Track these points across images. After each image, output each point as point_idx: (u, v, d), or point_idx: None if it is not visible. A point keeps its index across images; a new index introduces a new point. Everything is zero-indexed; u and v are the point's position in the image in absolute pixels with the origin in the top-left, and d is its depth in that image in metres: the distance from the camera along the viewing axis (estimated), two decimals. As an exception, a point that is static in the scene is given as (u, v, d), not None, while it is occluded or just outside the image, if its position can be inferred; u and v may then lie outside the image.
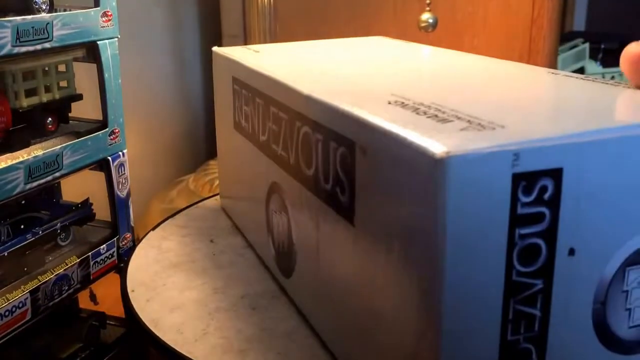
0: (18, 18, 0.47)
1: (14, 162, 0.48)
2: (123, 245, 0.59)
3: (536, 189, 0.23)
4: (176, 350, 0.37)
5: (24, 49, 0.48)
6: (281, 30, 0.87)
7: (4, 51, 0.46)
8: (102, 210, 0.59)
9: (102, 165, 0.57)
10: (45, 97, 0.53)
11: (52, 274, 0.52)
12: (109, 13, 0.54)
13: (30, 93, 0.51)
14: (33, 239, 0.52)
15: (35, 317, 0.50)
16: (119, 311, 0.61)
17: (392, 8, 0.91)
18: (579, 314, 0.25)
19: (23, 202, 0.52)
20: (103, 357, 0.58)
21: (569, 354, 0.25)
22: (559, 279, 0.24)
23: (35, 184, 0.49)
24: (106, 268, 0.58)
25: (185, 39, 1.01)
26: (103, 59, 0.55)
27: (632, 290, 0.26)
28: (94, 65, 0.55)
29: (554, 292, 0.24)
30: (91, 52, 0.55)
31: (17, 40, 0.47)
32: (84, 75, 0.57)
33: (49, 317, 0.53)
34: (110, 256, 0.58)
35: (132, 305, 0.42)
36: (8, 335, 0.48)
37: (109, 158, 0.57)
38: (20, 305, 0.49)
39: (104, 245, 0.57)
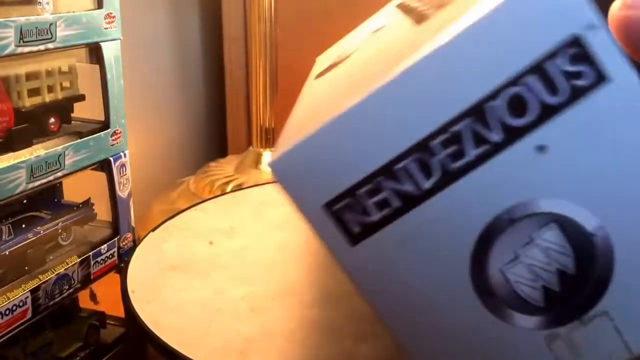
0: (22, 18, 0.47)
1: (16, 161, 0.48)
2: (124, 245, 0.59)
3: (575, 67, 0.21)
4: (177, 351, 0.37)
5: (27, 49, 0.48)
6: (282, 32, 0.87)
7: (7, 51, 0.46)
8: (103, 211, 0.59)
9: (104, 166, 0.57)
10: (48, 98, 0.53)
11: (53, 273, 0.52)
12: (112, 15, 0.55)
13: (33, 93, 0.52)
14: (34, 238, 0.52)
15: (35, 316, 0.50)
16: (119, 311, 0.61)
17: (393, 12, 0.91)
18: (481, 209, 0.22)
19: (25, 201, 0.52)
20: (102, 357, 0.58)
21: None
22: (508, 158, 0.21)
23: (37, 183, 0.50)
24: (107, 268, 0.58)
25: (187, 41, 1.01)
26: (106, 60, 0.55)
27: (537, 247, 0.23)
28: (97, 67, 0.55)
29: (484, 166, 0.22)
30: (94, 53, 0.55)
31: (21, 40, 0.47)
32: (87, 76, 0.57)
33: (49, 317, 0.53)
34: (110, 256, 0.58)
35: (132, 306, 0.42)
36: (8, 334, 0.48)
37: (111, 159, 0.57)
38: (21, 304, 0.49)
39: (105, 246, 0.57)
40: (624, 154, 0.21)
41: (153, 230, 0.55)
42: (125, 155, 0.58)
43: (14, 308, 0.48)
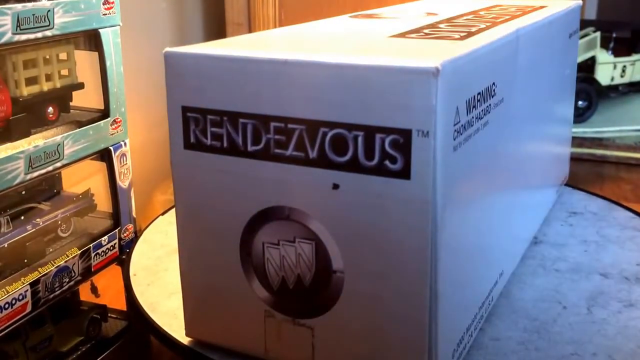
0: (18, 5, 0.46)
1: (14, 151, 0.47)
2: (125, 236, 0.58)
3: (394, 152, 0.25)
4: (168, 334, 0.37)
5: (24, 37, 0.47)
6: (286, 17, 0.86)
7: (4, 39, 0.45)
8: (103, 201, 0.58)
9: (104, 156, 0.56)
10: (46, 86, 0.52)
11: (53, 265, 0.51)
12: (111, 0, 0.54)
13: (31, 81, 0.51)
14: (33, 230, 0.51)
15: (35, 310, 0.50)
16: (120, 304, 0.61)
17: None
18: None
19: (23, 192, 0.52)
20: (104, 351, 0.57)
21: None
22: (312, 175, 0.26)
23: (35, 174, 0.49)
24: (107, 260, 0.57)
25: (188, 26, 1.00)
26: (105, 47, 0.54)
27: (294, 249, 0.27)
28: (96, 54, 0.54)
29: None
30: (93, 40, 0.54)
31: (18, 28, 0.46)
32: (86, 64, 0.56)
33: (49, 310, 0.53)
34: (111, 248, 0.57)
35: (132, 289, 0.43)
36: (7, 328, 0.47)
37: (111, 148, 0.56)
38: (20, 297, 0.48)
39: (105, 237, 0.56)
40: (380, 235, 0.25)
41: (162, 214, 0.55)
42: (125, 144, 0.57)
43: (14, 302, 0.48)
